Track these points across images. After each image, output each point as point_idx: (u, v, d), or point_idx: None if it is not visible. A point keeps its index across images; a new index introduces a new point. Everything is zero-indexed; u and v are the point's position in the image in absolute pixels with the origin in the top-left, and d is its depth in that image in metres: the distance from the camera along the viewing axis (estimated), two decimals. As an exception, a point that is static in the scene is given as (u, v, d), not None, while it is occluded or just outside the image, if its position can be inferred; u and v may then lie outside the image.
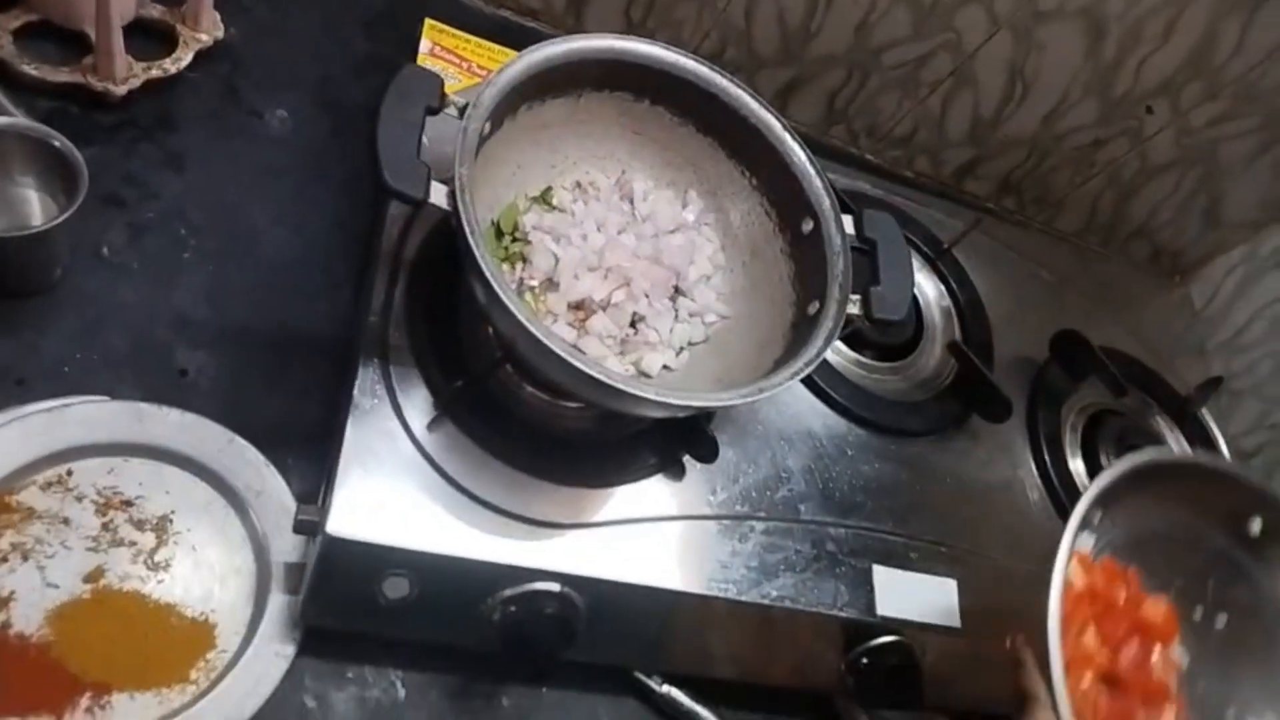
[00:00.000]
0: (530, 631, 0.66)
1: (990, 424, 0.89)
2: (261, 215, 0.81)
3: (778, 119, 0.71)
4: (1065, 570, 0.62)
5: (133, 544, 0.68)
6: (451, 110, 0.61)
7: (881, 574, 0.76)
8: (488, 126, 0.62)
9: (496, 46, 0.87)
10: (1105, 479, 0.65)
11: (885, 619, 0.74)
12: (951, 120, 1.18)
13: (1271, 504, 0.71)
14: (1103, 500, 0.65)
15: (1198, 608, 0.73)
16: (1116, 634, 0.69)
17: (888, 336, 0.90)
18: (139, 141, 0.80)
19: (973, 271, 1.00)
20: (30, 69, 0.77)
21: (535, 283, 0.69)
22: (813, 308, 0.68)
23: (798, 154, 0.71)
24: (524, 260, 0.70)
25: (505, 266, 0.70)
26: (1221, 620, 0.73)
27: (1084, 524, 0.65)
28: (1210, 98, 1.12)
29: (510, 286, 0.66)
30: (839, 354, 0.87)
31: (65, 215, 0.67)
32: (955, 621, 0.77)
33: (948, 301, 0.96)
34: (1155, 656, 0.69)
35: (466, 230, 0.56)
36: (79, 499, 0.68)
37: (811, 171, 0.71)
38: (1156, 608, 0.70)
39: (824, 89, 1.14)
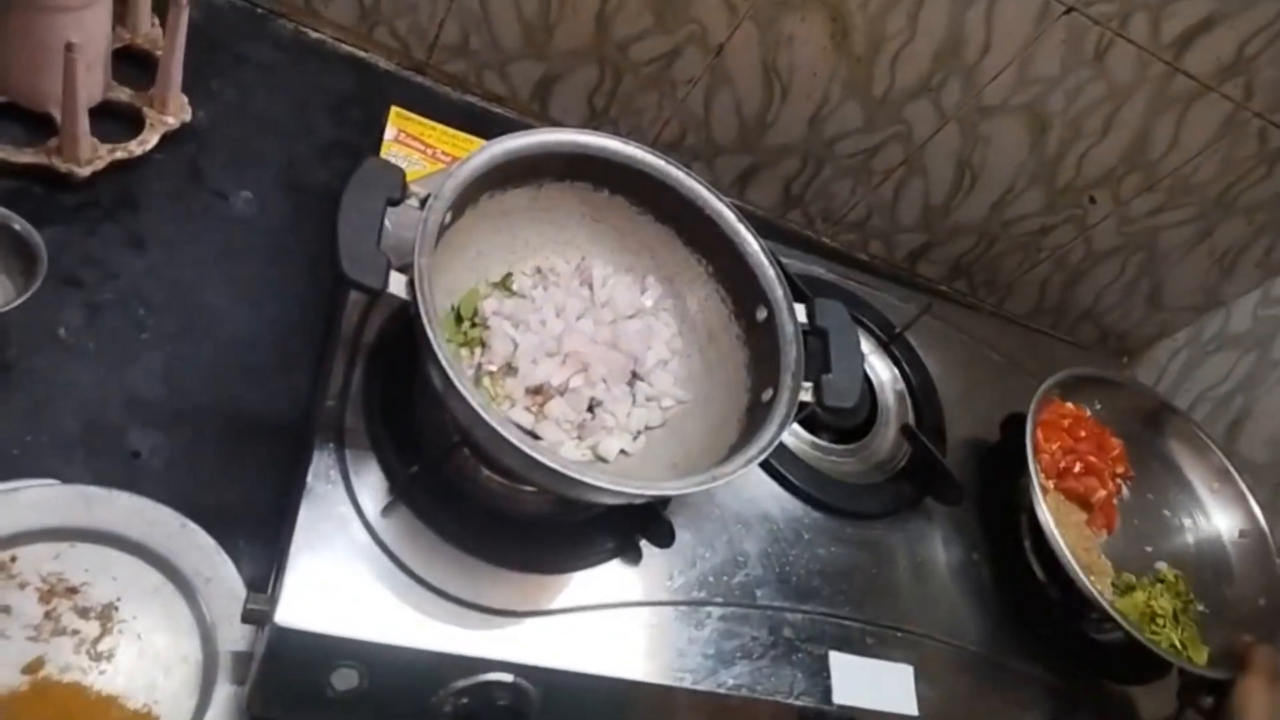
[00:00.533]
0: (483, 723, 0.65)
1: (944, 506, 0.90)
2: (222, 296, 0.82)
3: (731, 210, 0.74)
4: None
5: (75, 633, 0.66)
6: (413, 201, 0.62)
7: (838, 660, 0.76)
8: (449, 216, 0.64)
9: (461, 134, 0.89)
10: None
11: (842, 707, 0.74)
12: (903, 207, 1.22)
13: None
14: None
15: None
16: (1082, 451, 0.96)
17: (843, 419, 0.91)
18: (101, 222, 0.80)
19: (925, 354, 1.02)
20: (-6, 150, 0.77)
21: (494, 368, 0.70)
22: (766, 394, 0.69)
23: (751, 244, 0.73)
24: (483, 345, 0.70)
25: (464, 351, 0.70)
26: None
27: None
28: (1149, 189, 1.17)
29: (467, 374, 0.67)
30: (795, 436, 0.88)
31: (22, 299, 0.67)
32: (912, 709, 0.77)
33: (901, 385, 0.98)
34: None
35: (424, 320, 0.57)
36: (21, 586, 0.66)
37: (765, 261, 0.73)
38: (1115, 441, 1.00)
39: (781, 175, 1.18)
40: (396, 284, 0.59)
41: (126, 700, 0.65)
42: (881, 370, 0.98)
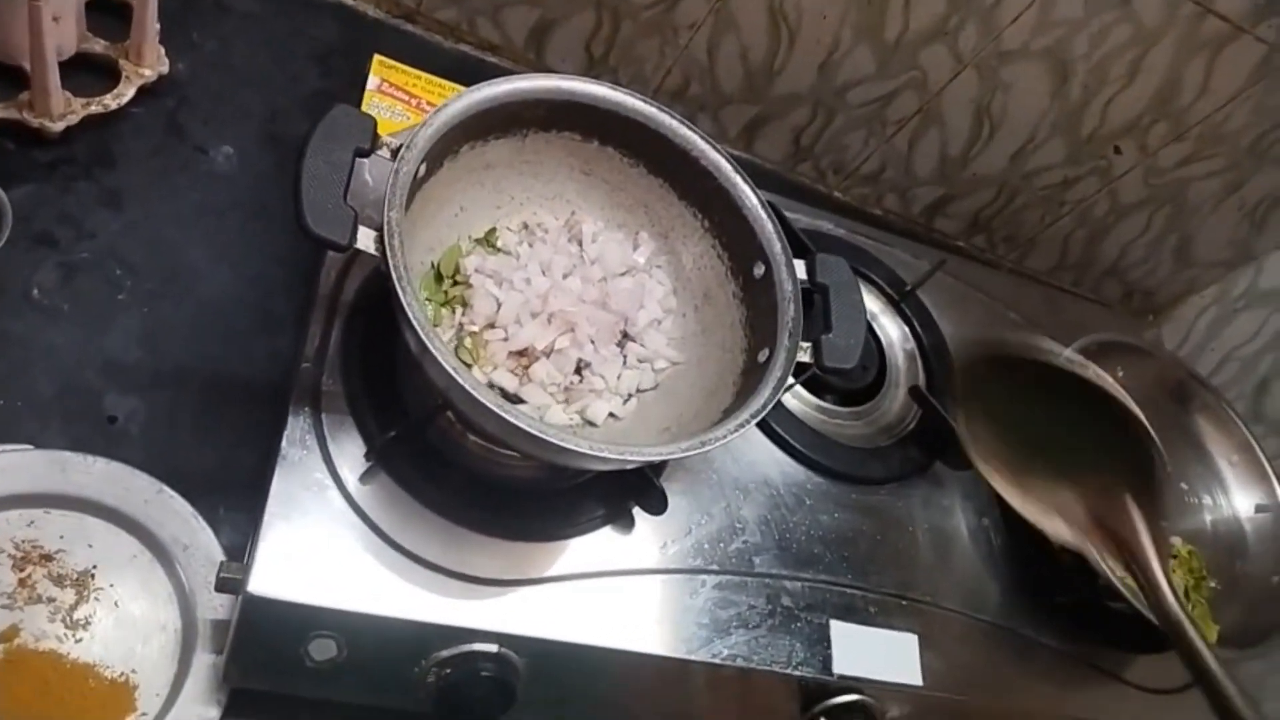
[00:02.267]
0: (467, 694, 0.63)
1: (954, 470, 0.86)
2: (201, 255, 0.79)
3: (728, 160, 0.70)
4: None
5: (51, 600, 0.64)
6: (384, 152, 0.59)
7: (839, 630, 0.73)
8: (423, 168, 0.60)
9: (447, 83, 0.85)
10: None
11: (844, 677, 0.71)
12: (919, 158, 1.17)
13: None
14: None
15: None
16: None
17: (849, 381, 0.87)
18: (75, 179, 0.78)
19: (939, 313, 0.98)
20: (-38, 105, 0.75)
21: (476, 328, 0.67)
22: (763, 355, 0.66)
23: (749, 197, 0.69)
24: (465, 305, 0.67)
25: (445, 311, 0.67)
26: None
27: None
28: (1177, 138, 1.12)
29: (446, 335, 0.64)
30: (799, 399, 0.85)
31: (-14, 257, 0.65)
32: (917, 679, 0.74)
33: (911, 344, 0.94)
34: None
35: (395, 278, 0.54)
36: (-5, 553, 0.65)
37: (763, 214, 0.69)
38: None
39: (789, 126, 1.13)
40: (365, 240, 0.56)
41: (104, 669, 0.64)
42: (891, 329, 0.95)
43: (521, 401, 0.66)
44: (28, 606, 0.64)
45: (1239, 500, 0.94)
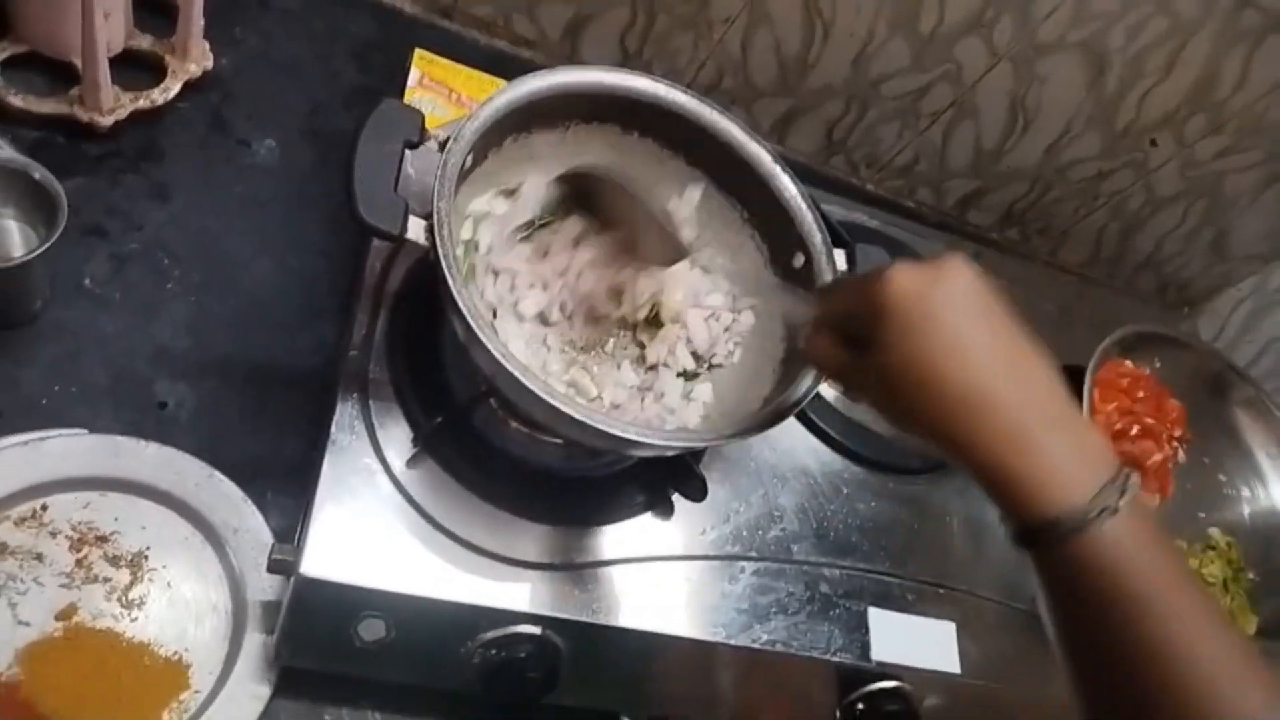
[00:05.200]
0: (511, 675, 0.64)
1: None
2: (246, 246, 0.80)
3: (768, 151, 0.70)
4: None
5: (107, 580, 0.66)
6: (432, 144, 0.60)
7: (877, 617, 0.74)
8: (470, 159, 0.61)
9: (486, 77, 0.86)
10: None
11: (881, 664, 0.72)
12: (953, 151, 1.17)
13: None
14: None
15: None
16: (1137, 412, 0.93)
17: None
18: (124, 172, 0.79)
19: (973, 304, 0.98)
20: (17, 100, 0.76)
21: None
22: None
23: (789, 187, 0.70)
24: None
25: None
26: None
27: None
28: (1214, 131, 1.11)
29: (491, 325, 0.65)
30: (834, 387, 0.85)
31: (44, 247, 0.66)
32: (954, 666, 0.74)
33: (947, 335, 0.94)
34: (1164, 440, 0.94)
35: (444, 266, 0.55)
36: (53, 534, 0.66)
37: (803, 205, 0.70)
38: (1175, 403, 0.96)
39: (823, 119, 1.13)
40: (415, 230, 0.57)
41: (159, 647, 0.65)
42: (926, 321, 0.95)
43: (573, 391, 0.67)
44: (85, 586, 0.65)
45: (1276, 492, 0.94)
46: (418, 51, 0.85)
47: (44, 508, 0.67)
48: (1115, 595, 0.45)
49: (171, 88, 0.82)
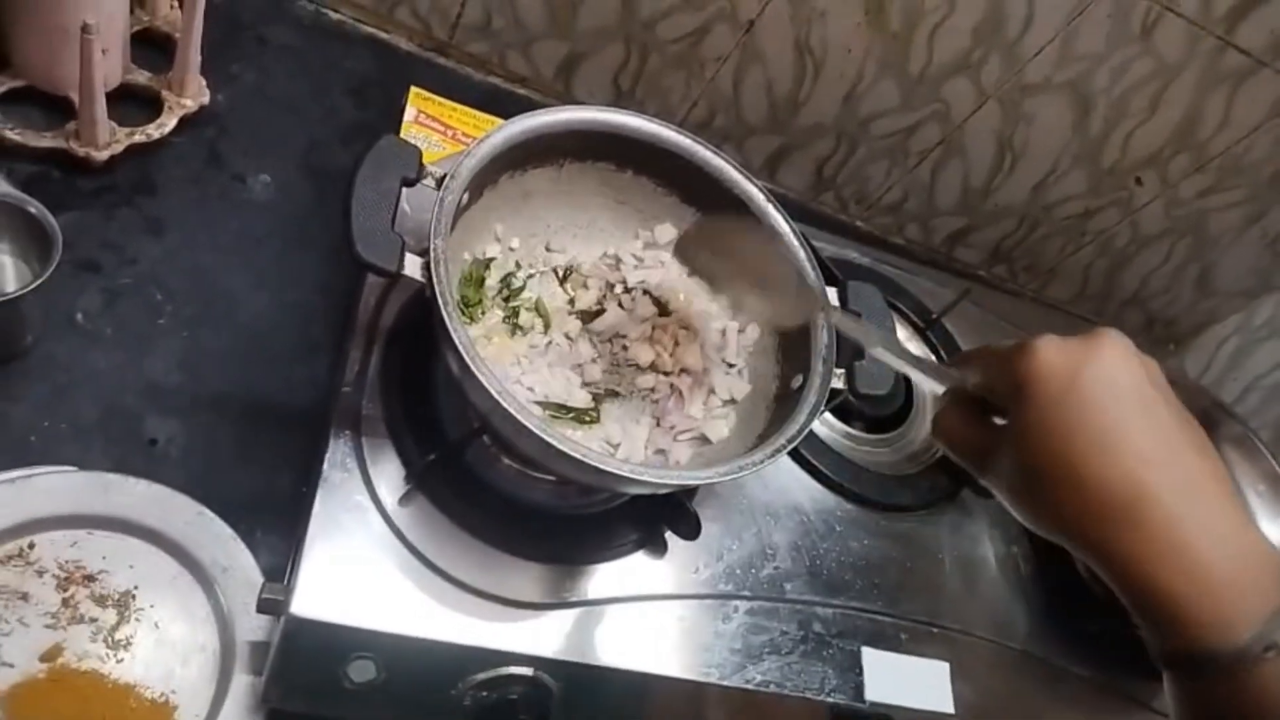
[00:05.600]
0: (503, 716, 0.63)
1: (982, 498, 0.87)
2: (240, 281, 0.80)
3: (761, 190, 0.71)
4: None
5: (93, 621, 0.65)
6: (429, 181, 0.61)
7: (871, 656, 0.73)
8: (466, 197, 0.62)
9: (482, 114, 0.87)
10: None
11: (875, 704, 0.71)
12: (941, 189, 1.18)
13: None
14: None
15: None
16: None
17: (877, 408, 0.88)
18: (119, 206, 0.79)
19: (963, 340, 0.99)
20: (13, 134, 0.77)
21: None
22: (796, 382, 0.66)
23: (782, 225, 0.71)
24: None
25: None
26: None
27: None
28: (1198, 170, 1.13)
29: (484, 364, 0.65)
30: (827, 426, 0.86)
31: (37, 282, 0.66)
32: (948, 707, 0.74)
33: (937, 372, 0.95)
34: None
35: (441, 304, 0.55)
36: (40, 573, 0.65)
37: (796, 243, 0.70)
38: None
39: (813, 157, 1.14)
40: (412, 267, 0.57)
41: (144, 689, 0.64)
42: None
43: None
44: (71, 626, 0.64)
45: (1267, 529, 0.94)
46: (413, 89, 0.86)
47: (30, 546, 0.66)
48: None
49: (168, 123, 0.82)
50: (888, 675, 0.73)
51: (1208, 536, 0.40)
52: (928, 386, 0.57)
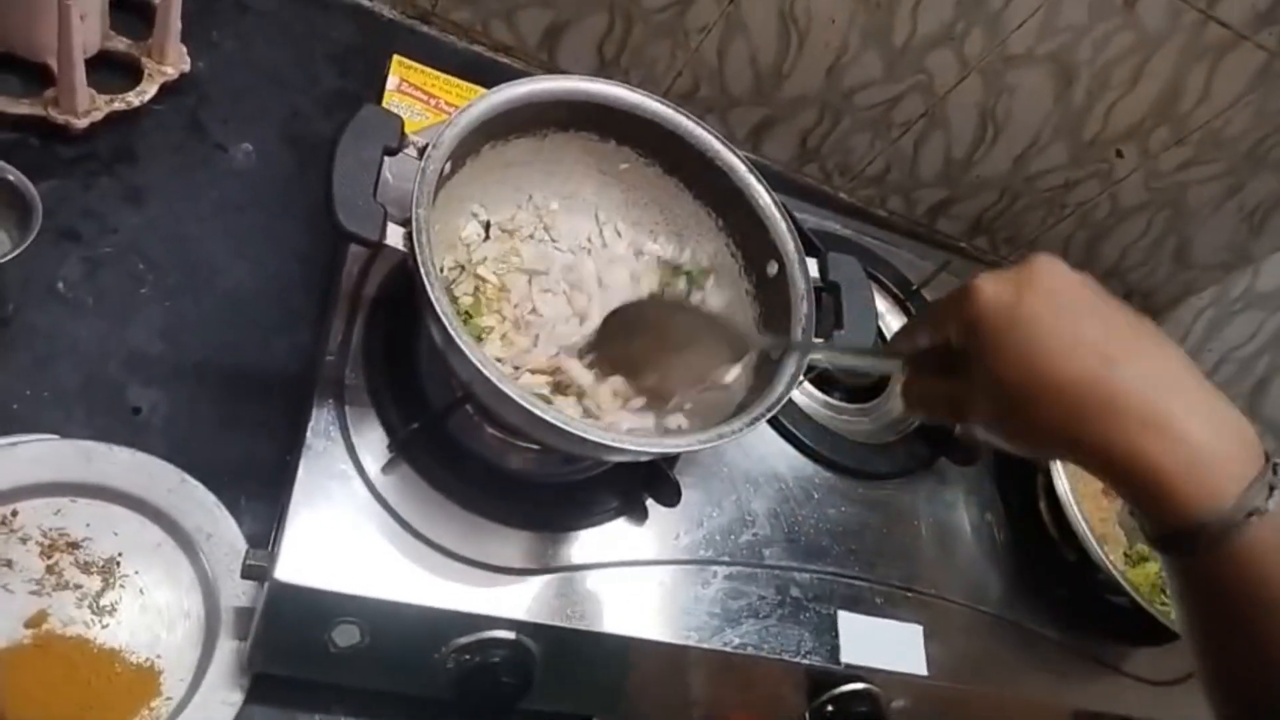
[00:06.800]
0: (485, 680, 0.64)
1: (958, 466, 0.88)
2: (222, 250, 0.80)
3: (743, 161, 0.71)
4: None
5: (78, 587, 0.66)
6: (411, 150, 0.61)
7: (847, 620, 0.75)
8: (448, 166, 0.62)
9: (464, 83, 0.86)
10: None
11: (850, 666, 0.73)
12: (924, 161, 1.18)
13: None
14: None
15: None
16: None
17: (856, 378, 0.89)
18: (98, 175, 0.79)
19: (943, 312, 0.99)
20: (-10, 101, 0.76)
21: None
22: (776, 351, 0.67)
23: (763, 196, 0.71)
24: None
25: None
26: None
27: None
28: (1178, 143, 1.13)
29: (467, 330, 0.65)
30: (806, 395, 0.87)
31: (17, 251, 0.66)
32: (922, 669, 0.75)
33: (917, 343, 0.95)
34: None
35: (423, 273, 0.55)
36: (24, 540, 0.66)
37: (777, 214, 0.71)
38: None
39: (796, 128, 1.14)
40: (394, 236, 0.57)
41: (130, 654, 0.65)
42: (897, 328, 0.96)
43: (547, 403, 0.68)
44: (55, 593, 0.65)
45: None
46: (396, 57, 0.85)
47: (14, 514, 0.66)
48: (1258, 603, 0.41)
49: (148, 90, 0.82)
50: (863, 638, 0.74)
51: (1185, 411, 0.42)
52: (882, 370, 0.59)
